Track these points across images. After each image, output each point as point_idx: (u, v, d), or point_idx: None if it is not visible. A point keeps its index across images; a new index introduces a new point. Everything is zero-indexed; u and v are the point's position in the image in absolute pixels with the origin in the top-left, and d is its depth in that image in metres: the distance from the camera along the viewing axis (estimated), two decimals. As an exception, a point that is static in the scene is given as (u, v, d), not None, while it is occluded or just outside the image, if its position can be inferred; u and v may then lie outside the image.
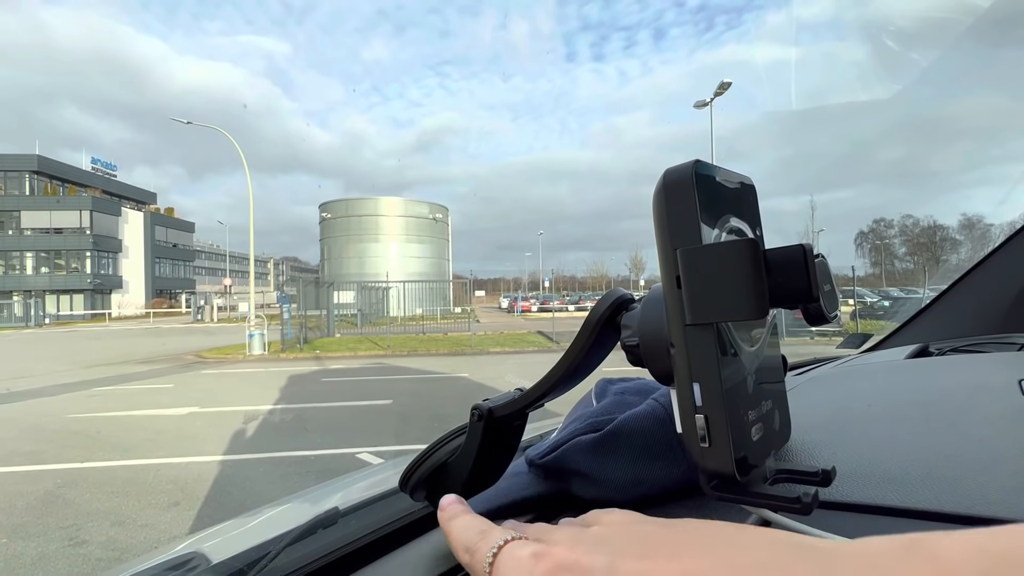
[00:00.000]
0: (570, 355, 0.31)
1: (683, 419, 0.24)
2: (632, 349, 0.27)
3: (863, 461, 0.32)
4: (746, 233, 0.26)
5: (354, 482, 1.11)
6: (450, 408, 6.68)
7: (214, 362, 11.80)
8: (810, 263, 0.26)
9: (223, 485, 3.89)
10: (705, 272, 0.22)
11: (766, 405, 0.27)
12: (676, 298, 0.24)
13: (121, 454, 4.71)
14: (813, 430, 0.40)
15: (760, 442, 0.25)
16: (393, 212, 36.55)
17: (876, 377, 0.64)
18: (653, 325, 0.26)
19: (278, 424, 5.88)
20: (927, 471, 0.30)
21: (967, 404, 0.44)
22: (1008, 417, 0.39)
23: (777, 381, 0.29)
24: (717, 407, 0.23)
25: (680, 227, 0.24)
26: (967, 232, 43.26)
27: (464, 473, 0.38)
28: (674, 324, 0.24)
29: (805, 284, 0.26)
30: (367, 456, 4.51)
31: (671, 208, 0.24)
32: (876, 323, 14.19)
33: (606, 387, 0.48)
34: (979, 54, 3.21)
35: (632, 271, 63.83)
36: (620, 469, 0.37)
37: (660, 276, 0.26)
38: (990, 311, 1.16)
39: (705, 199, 0.24)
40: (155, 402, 7.01)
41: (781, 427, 0.29)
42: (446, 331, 17.32)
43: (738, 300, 0.21)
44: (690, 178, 0.24)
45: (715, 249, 0.22)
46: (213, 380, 9.23)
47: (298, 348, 13.27)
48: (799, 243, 0.27)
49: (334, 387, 8.31)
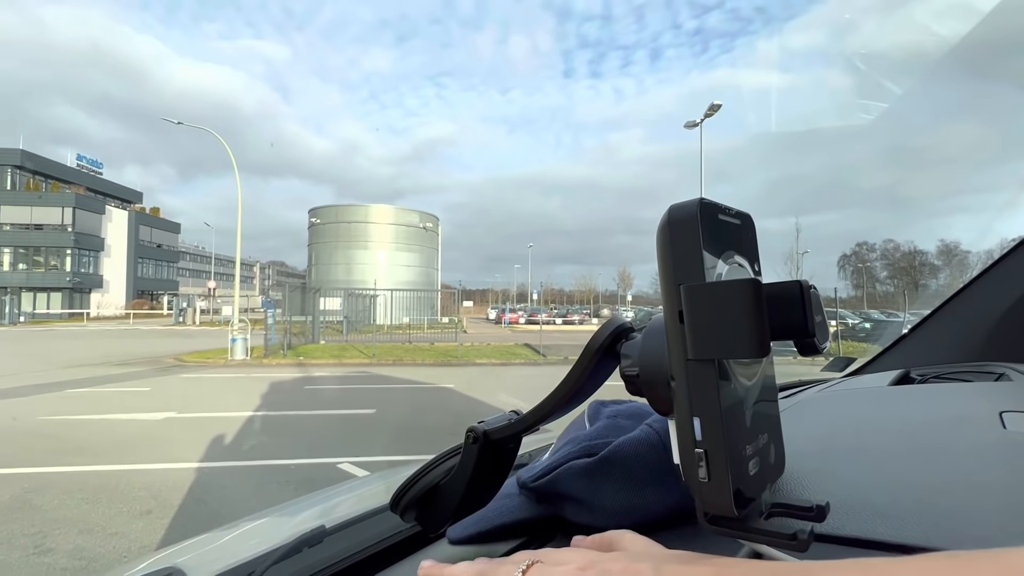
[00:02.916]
0: (569, 380, 0.31)
1: (682, 452, 0.24)
2: (632, 379, 0.28)
3: (854, 492, 0.33)
4: (746, 269, 0.27)
5: (337, 496, 1.09)
6: (434, 419, 6.62)
7: (194, 366, 11.56)
8: (807, 300, 0.26)
9: (198, 493, 3.79)
10: (708, 309, 0.23)
11: (762, 439, 0.27)
12: (678, 332, 0.24)
13: (93, 459, 4.57)
14: (804, 458, 0.40)
15: (757, 476, 0.25)
16: (383, 220, 36.45)
17: (862, 404, 0.65)
18: (654, 357, 0.26)
19: (258, 432, 5.76)
20: (916, 503, 0.31)
21: (952, 435, 0.45)
22: (991, 449, 0.40)
23: (772, 414, 0.29)
24: (717, 442, 0.23)
25: (684, 263, 0.24)
26: (945, 258, 44.40)
27: (457, 495, 0.37)
28: (676, 358, 0.24)
29: (801, 320, 0.26)
30: (348, 467, 4.44)
31: (675, 244, 0.24)
32: (858, 345, 14.42)
33: (599, 409, 0.48)
34: (955, 85, 3.32)
35: (620, 286, 64.23)
36: (614, 495, 0.37)
37: (662, 308, 0.26)
38: (968, 339, 1.19)
39: (708, 236, 0.24)
40: (131, 406, 6.83)
41: (776, 460, 0.29)
42: (433, 341, 17.21)
43: (740, 339, 0.22)
44: (695, 216, 0.24)
45: (719, 288, 0.23)
46: (192, 385, 9.04)
47: (281, 354, 13.08)
48: (796, 280, 0.27)
49: (317, 395, 8.19)
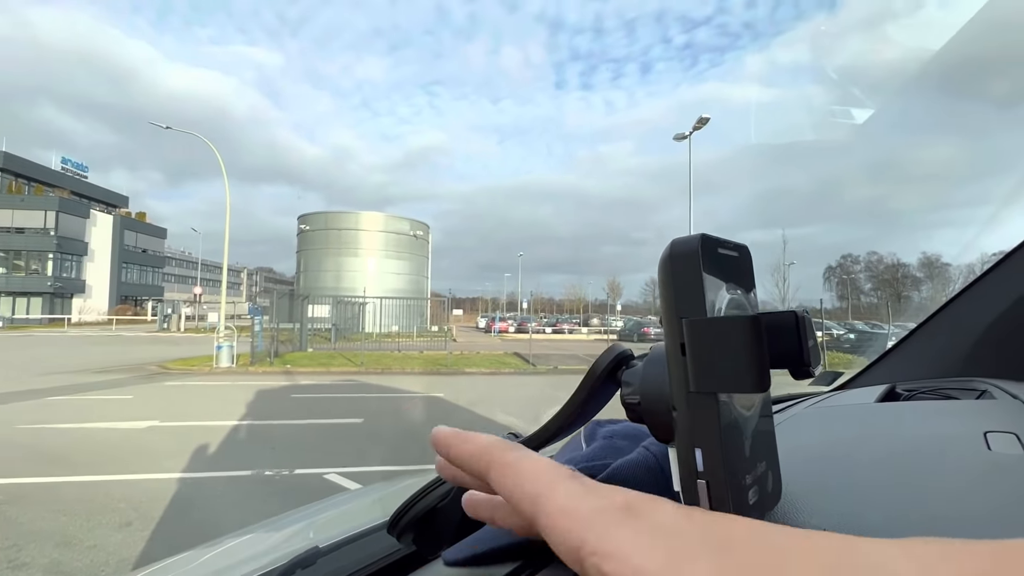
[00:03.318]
0: (570, 407, 0.31)
1: (684, 483, 0.25)
2: (633, 407, 0.28)
3: (847, 519, 0.33)
4: (744, 302, 0.28)
5: (326, 510, 1.07)
6: (423, 428, 6.57)
7: (179, 373, 11.38)
8: (802, 331, 0.27)
9: (181, 505, 3.71)
10: (709, 344, 0.23)
11: (760, 467, 0.28)
12: (680, 364, 0.25)
13: (71, 469, 4.46)
14: (796, 481, 0.41)
15: (756, 505, 0.26)
16: (373, 227, 36.32)
17: (851, 422, 0.66)
18: (655, 386, 0.27)
19: (243, 441, 5.67)
20: (909, 530, 0.32)
21: (940, 457, 0.46)
22: (977, 472, 0.41)
23: (770, 442, 0.30)
24: (718, 473, 0.24)
25: (685, 297, 0.25)
26: (927, 270, 45.37)
27: (455, 519, 0.38)
28: (677, 389, 0.25)
29: (797, 350, 0.27)
30: (335, 477, 4.38)
31: (677, 277, 0.25)
32: (843, 356, 14.63)
33: (595, 430, 0.49)
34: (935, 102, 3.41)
35: (609, 295, 64.53)
36: (612, 519, 0.37)
37: (664, 338, 0.27)
38: (952, 355, 1.22)
39: (708, 269, 0.25)
40: (112, 414, 6.69)
41: (773, 488, 0.29)
42: (422, 349, 17.12)
43: (740, 374, 0.22)
44: (696, 250, 0.25)
45: (720, 324, 0.23)
46: (176, 392, 8.88)
47: (268, 362, 12.92)
48: (792, 310, 0.28)
49: (303, 403, 8.09)
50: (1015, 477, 0.38)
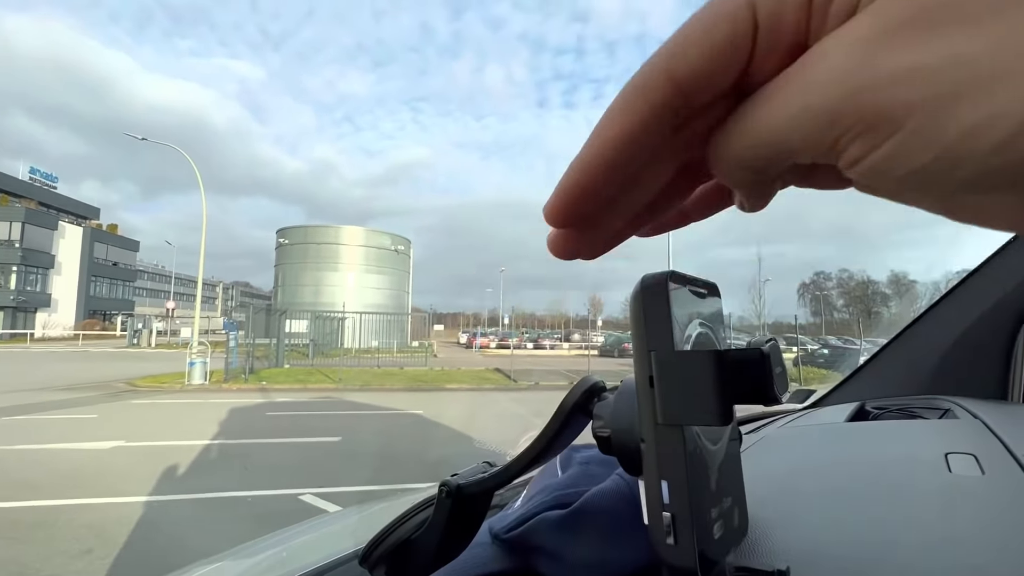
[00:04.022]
0: (543, 438, 0.32)
1: (650, 515, 0.25)
2: (603, 439, 0.29)
3: (815, 544, 0.34)
4: (712, 337, 0.28)
5: (300, 535, 1.04)
6: (402, 446, 6.46)
7: (148, 391, 10.99)
8: (767, 367, 0.28)
9: (146, 530, 3.55)
10: (676, 377, 0.24)
11: (727, 502, 0.28)
12: (648, 396, 0.25)
13: (29, 493, 4.24)
14: (766, 506, 0.41)
15: (721, 540, 0.26)
16: (353, 241, 36.01)
17: (820, 443, 0.68)
18: (624, 419, 0.27)
19: (214, 461, 5.48)
20: (872, 558, 0.32)
21: (903, 479, 0.48)
22: (937, 496, 0.42)
23: (736, 477, 0.31)
24: (683, 506, 0.24)
25: (654, 330, 0.25)
26: (895, 287, 46.96)
27: (430, 549, 0.37)
28: (646, 421, 0.26)
29: (763, 386, 0.28)
30: (310, 498, 4.26)
31: (647, 312, 0.26)
32: (817, 371, 14.99)
33: (571, 456, 0.49)
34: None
35: (590, 311, 64.91)
36: (587, 548, 0.37)
37: (634, 372, 0.27)
38: (918, 373, 1.26)
39: (678, 305, 0.26)
40: (75, 434, 6.41)
41: (740, 523, 0.30)
42: (402, 365, 16.91)
43: (704, 408, 0.23)
44: (665, 286, 0.26)
45: (686, 357, 0.24)
46: (144, 411, 8.57)
47: (243, 379, 12.58)
48: (758, 347, 0.29)
49: (279, 422, 7.88)
50: (972, 500, 0.40)
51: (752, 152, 0.17)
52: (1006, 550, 0.33)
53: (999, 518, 0.38)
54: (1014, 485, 0.43)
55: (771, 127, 0.16)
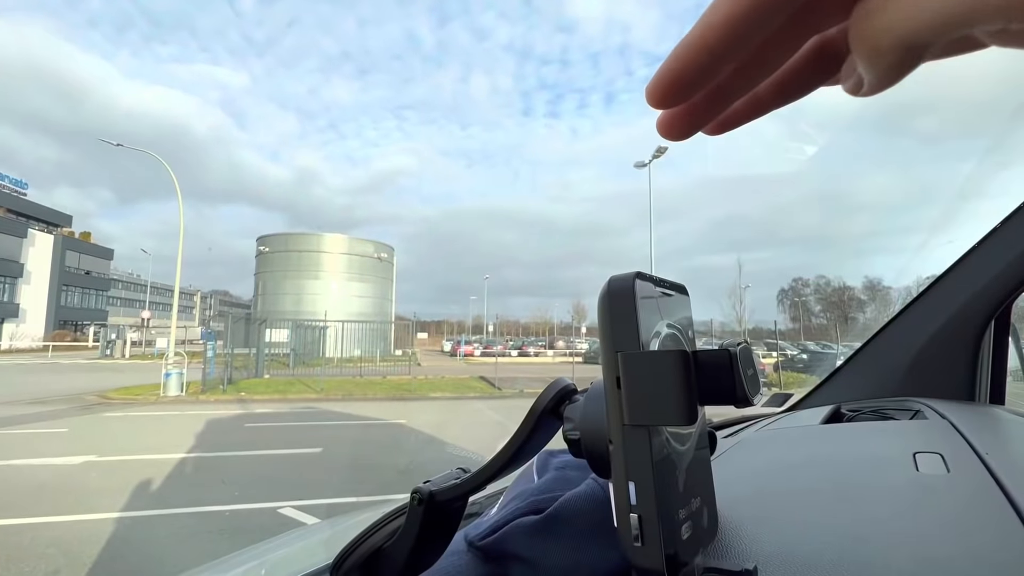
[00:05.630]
0: (514, 442, 0.31)
1: (618, 516, 0.25)
2: (574, 442, 0.28)
3: (784, 544, 0.34)
4: (680, 338, 0.29)
5: (277, 549, 1.02)
6: (385, 458, 6.36)
7: (121, 404, 10.65)
8: (735, 368, 0.28)
9: (117, 548, 3.43)
10: (642, 377, 0.24)
11: (695, 503, 0.28)
12: (616, 398, 0.25)
13: (-7, 512, 4.07)
14: (740, 506, 0.42)
15: (690, 540, 0.26)
16: (336, 249, 35.63)
17: (795, 444, 0.69)
18: (594, 421, 0.27)
19: (190, 475, 5.33)
20: (839, 556, 0.33)
21: (872, 478, 0.48)
22: (904, 494, 0.43)
23: (706, 479, 0.31)
24: (650, 507, 0.24)
25: (621, 331, 0.25)
26: (870, 293, 48.21)
27: (402, 559, 0.36)
28: (613, 422, 0.26)
29: (731, 386, 0.28)
30: (290, 511, 4.17)
31: (614, 313, 0.26)
32: (796, 376, 15.28)
33: (547, 460, 0.49)
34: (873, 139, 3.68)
35: (574, 318, 65.14)
36: (561, 554, 0.37)
37: (602, 373, 0.27)
38: (891, 375, 1.29)
39: (645, 306, 0.26)
40: (43, 449, 6.17)
41: (709, 524, 0.30)
42: (385, 374, 16.71)
43: (670, 407, 0.23)
44: (631, 287, 0.26)
45: (652, 357, 0.24)
46: (117, 424, 8.30)
47: (221, 390, 12.29)
48: (726, 348, 0.30)
49: (258, 433, 7.71)
50: (937, 497, 0.41)
51: (930, 20, 0.13)
52: (969, 544, 0.34)
53: (963, 514, 0.39)
54: (977, 482, 0.44)
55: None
